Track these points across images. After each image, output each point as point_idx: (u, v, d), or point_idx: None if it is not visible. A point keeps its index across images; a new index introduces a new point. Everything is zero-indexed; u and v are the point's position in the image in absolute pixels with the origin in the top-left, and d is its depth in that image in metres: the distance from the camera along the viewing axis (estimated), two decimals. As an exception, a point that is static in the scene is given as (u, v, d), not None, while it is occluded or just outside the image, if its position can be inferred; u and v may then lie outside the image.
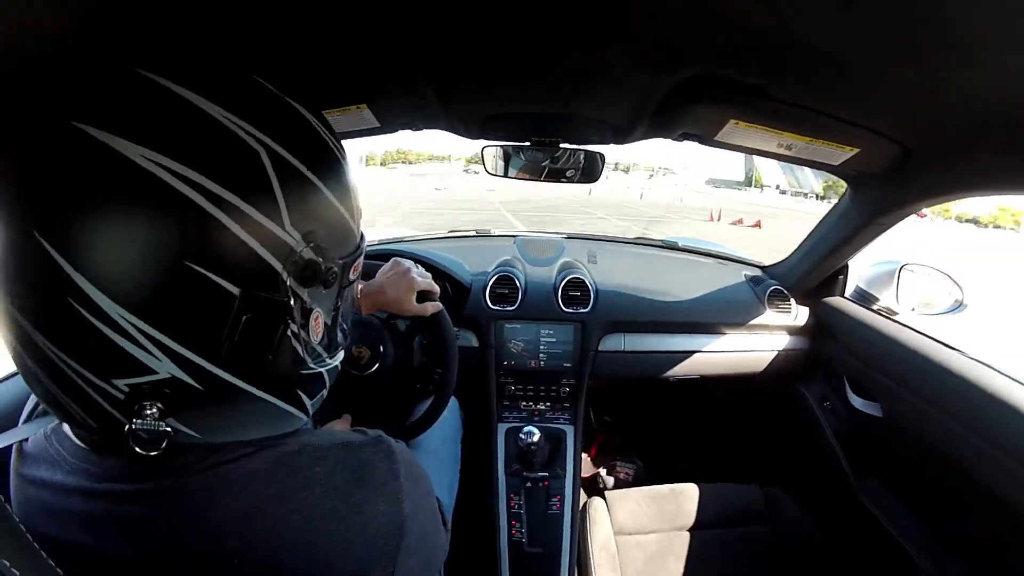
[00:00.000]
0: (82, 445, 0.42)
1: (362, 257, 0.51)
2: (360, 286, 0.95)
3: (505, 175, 1.22)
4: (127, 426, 0.36)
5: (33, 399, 0.57)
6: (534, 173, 1.20)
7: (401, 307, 0.96)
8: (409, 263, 1.00)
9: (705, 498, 1.44)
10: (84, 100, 0.35)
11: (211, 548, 0.40)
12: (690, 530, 1.37)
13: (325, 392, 0.51)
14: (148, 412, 0.36)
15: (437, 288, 1.01)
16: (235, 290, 0.37)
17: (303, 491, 0.42)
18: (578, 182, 1.23)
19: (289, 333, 0.41)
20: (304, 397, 0.47)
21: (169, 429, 0.37)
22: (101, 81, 0.37)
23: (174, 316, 0.35)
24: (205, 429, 0.40)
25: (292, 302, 0.41)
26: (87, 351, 0.35)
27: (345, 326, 0.54)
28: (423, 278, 0.99)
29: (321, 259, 0.42)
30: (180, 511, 0.40)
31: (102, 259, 0.33)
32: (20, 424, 0.54)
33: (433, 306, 0.99)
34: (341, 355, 0.53)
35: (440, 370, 1.06)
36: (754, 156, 1.15)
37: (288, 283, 0.40)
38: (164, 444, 0.37)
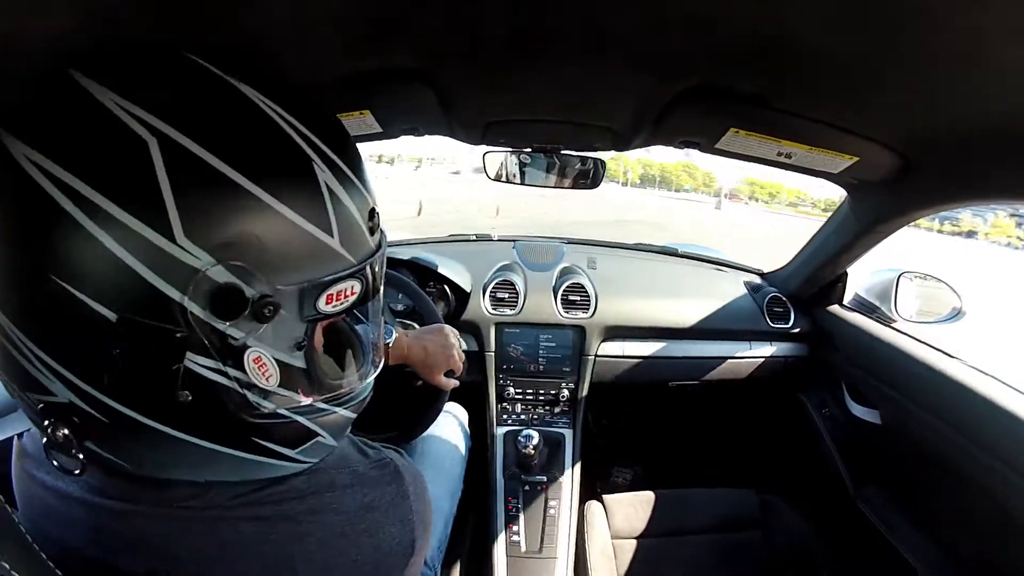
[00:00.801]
0: None
1: (352, 282, 0.39)
2: (404, 337, 0.93)
3: (506, 181, 1.22)
4: (43, 440, 0.34)
5: None
6: (535, 179, 1.20)
7: (428, 374, 0.96)
8: (455, 337, 0.99)
9: (702, 503, 1.44)
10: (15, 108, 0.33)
11: (222, 570, 0.40)
12: (687, 535, 1.37)
13: (326, 439, 0.43)
14: (59, 433, 0.33)
15: (464, 366, 1.01)
16: (111, 315, 0.31)
17: (315, 515, 0.42)
18: (579, 188, 1.24)
19: (207, 371, 0.34)
20: (273, 446, 0.39)
21: (81, 455, 0.34)
22: (35, 89, 0.34)
23: (53, 338, 0.32)
24: (135, 462, 0.37)
25: (199, 335, 0.33)
26: (4, 361, 0.34)
27: (336, 366, 0.48)
28: (461, 357, 0.98)
29: (245, 284, 0.33)
30: (181, 537, 0.39)
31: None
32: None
33: (454, 383, 0.99)
34: (347, 396, 0.45)
35: None
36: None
37: (191, 312, 0.32)
38: (81, 468, 0.35)
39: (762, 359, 1.58)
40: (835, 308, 1.57)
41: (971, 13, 0.52)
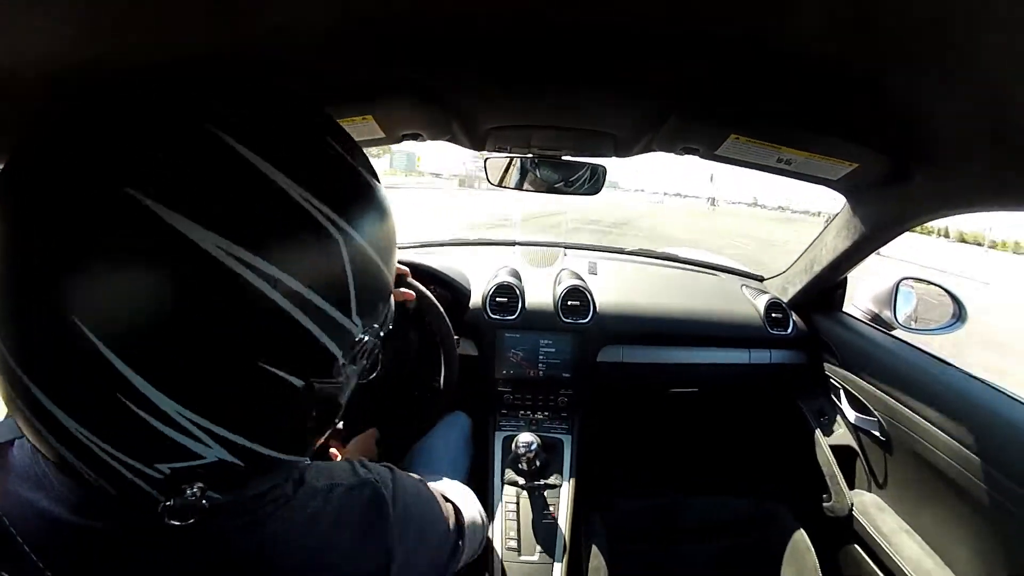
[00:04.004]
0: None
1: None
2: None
3: (507, 186, 1.23)
4: (162, 503, 0.34)
5: None
6: (536, 185, 1.21)
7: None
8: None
9: (701, 510, 1.44)
10: (141, 161, 0.30)
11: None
12: (685, 541, 1.36)
13: None
14: (191, 491, 0.34)
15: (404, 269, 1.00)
16: (299, 383, 0.34)
17: (290, 534, 0.41)
18: (581, 194, 1.25)
19: (334, 404, 0.40)
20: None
21: (206, 503, 0.35)
22: (164, 138, 0.31)
23: (234, 410, 0.33)
24: (231, 493, 0.38)
25: (345, 383, 0.39)
26: (130, 440, 0.31)
27: None
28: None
29: (371, 337, 0.41)
30: (174, 554, 0.38)
31: (161, 359, 0.29)
32: None
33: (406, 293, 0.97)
34: None
35: (442, 365, 1.07)
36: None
37: (343, 366, 0.38)
38: (196, 517, 0.35)
39: (761, 366, 1.58)
40: (834, 315, 1.58)
41: (970, 17, 0.52)
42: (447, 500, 0.63)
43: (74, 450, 0.31)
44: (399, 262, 1.36)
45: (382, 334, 0.44)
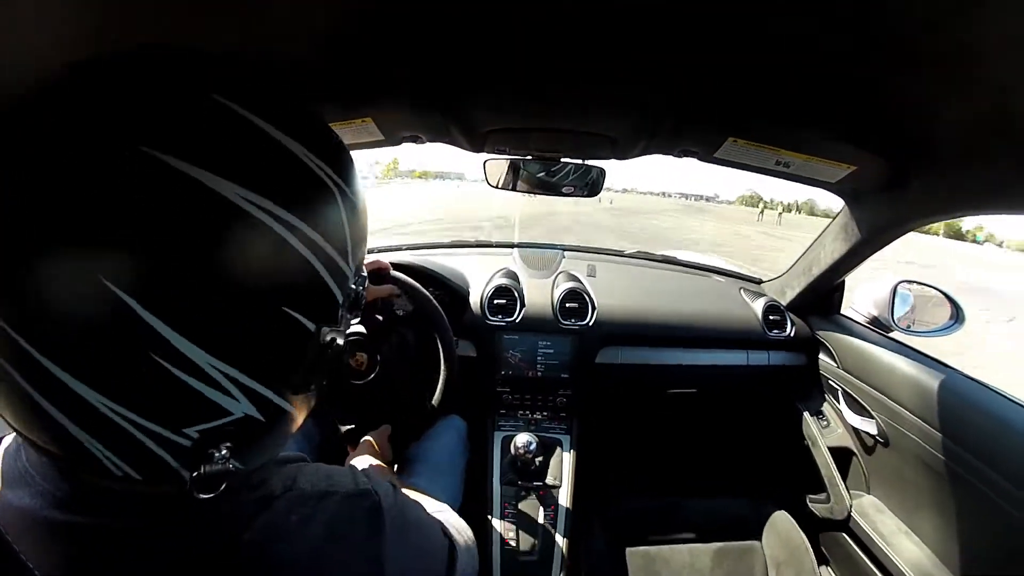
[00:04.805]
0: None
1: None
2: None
3: (507, 188, 1.23)
4: (192, 474, 0.34)
5: None
6: (536, 187, 1.21)
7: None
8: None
9: (699, 511, 1.45)
10: (160, 125, 0.30)
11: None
12: (683, 542, 1.37)
13: None
14: (219, 454, 0.34)
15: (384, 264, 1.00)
16: (312, 327, 0.37)
17: (276, 541, 0.40)
18: (580, 196, 1.25)
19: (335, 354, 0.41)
20: None
21: (232, 467, 0.35)
22: (175, 104, 0.32)
23: (259, 356, 0.34)
24: (248, 459, 0.38)
25: (344, 331, 0.41)
26: (160, 403, 0.31)
27: None
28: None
29: (358, 286, 0.43)
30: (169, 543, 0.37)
31: (195, 310, 0.30)
32: None
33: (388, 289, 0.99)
34: None
35: (441, 361, 1.07)
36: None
37: (342, 313, 0.41)
38: (223, 485, 0.35)
39: (758, 367, 1.58)
40: (832, 317, 1.58)
41: (967, 22, 0.53)
42: (445, 533, 0.60)
43: (93, 428, 0.31)
44: (400, 267, 1.37)
45: (362, 289, 0.45)
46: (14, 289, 0.28)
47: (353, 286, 0.42)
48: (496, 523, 1.28)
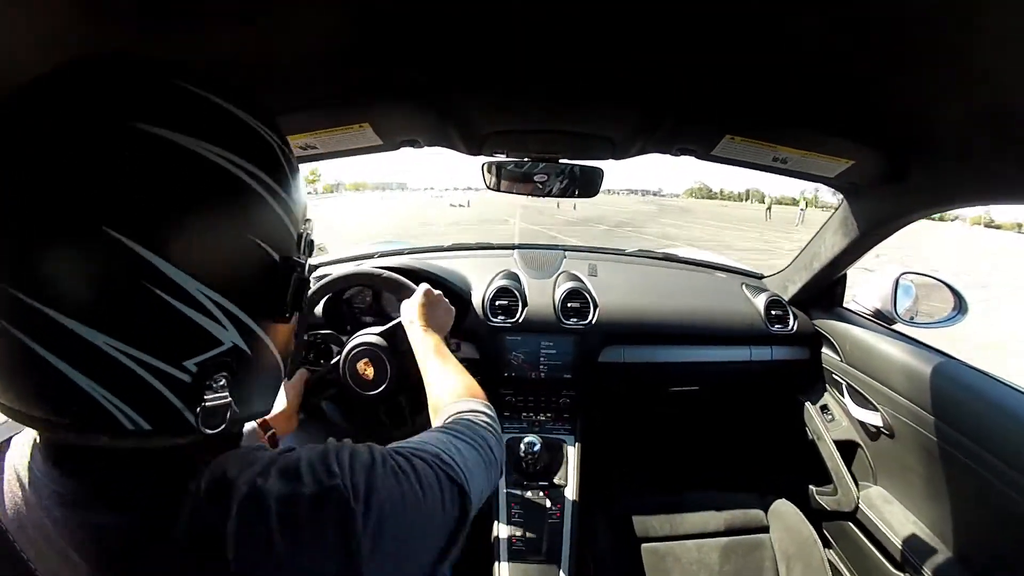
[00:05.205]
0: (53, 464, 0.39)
1: None
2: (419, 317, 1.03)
3: (504, 191, 1.24)
4: (199, 407, 0.38)
5: None
6: (534, 189, 1.21)
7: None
8: (423, 294, 1.06)
9: (706, 507, 1.44)
10: (141, 104, 0.37)
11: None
12: (691, 539, 1.37)
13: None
14: (218, 384, 0.39)
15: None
16: (277, 256, 0.43)
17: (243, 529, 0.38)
18: (578, 197, 1.25)
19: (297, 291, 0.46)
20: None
21: (231, 400, 0.40)
22: (148, 87, 0.38)
23: (237, 283, 0.40)
24: (243, 402, 0.43)
25: (303, 263, 0.47)
26: (160, 335, 0.36)
27: None
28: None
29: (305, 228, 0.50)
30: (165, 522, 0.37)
31: (183, 242, 0.36)
32: None
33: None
34: None
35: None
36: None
37: (298, 246, 0.47)
38: (227, 416, 0.40)
39: (762, 363, 1.58)
40: (834, 311, 1.58)
41: (961, 17, 0.53)
42: (443, 468, 0.53)
43: (99, 373, 0.35)
44: (401, 270, 1.38)
45: (310, 233, 0.51)
46: (16, 250, 0.33)
47: (302, 230, 0.48)
48: (503, 524, 1.28)
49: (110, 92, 0.37)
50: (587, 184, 1.21)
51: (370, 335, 1.14)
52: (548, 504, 1.32)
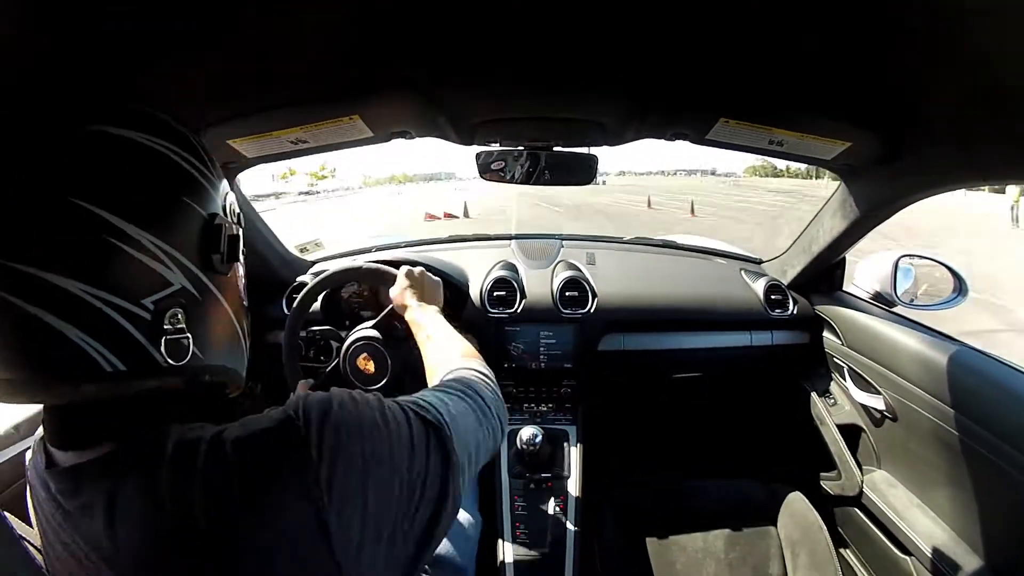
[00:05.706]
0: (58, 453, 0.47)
1: None
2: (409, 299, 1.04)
3: (497, 180, 1.22)
4: (161, 339, 0.45)
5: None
6: (528, 177, 1.20)
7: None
8: (407, 274, 1.08)
9: (709, 495, 1.45)
10: (93, 110, 0.46)
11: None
12: (695, 527, 1.37)
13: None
14: (174, 319, 0.46)
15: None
16: (206, 215, 0.51)
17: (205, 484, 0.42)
18: (574, 184, 1.24)
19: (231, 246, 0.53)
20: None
21: (189, 336, 0.47)
22: (109, 102, 0.47)
23: (180, 235, 0.47)
24: (203, 346, 0.49)
25: (232, 226, 0.55)
26: (121, 278, 0.43)
27: None
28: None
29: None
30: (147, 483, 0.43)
31: (135, 203, 0.44)
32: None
33: None
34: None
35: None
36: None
37: (224, 212, 0.54)
38: (191, 351, 0.47)
39: (762, 348, 1.57)
40: (834, 294, 1.57)
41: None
42: (413, 409, 0.54)
43: (72, 314, 0.41)
44: (398, 263, 1.37)
45: (237, 207, 0.58)
46: (4, 225, 0.40)
47: (226, 203, 0.55)
48: (506, 516, 1.28)
49: (77, 101, 0.46)
50: (583, 171, 1.19)
51: (366, 329, 1.14)
52: (551, 495, 1.32)
